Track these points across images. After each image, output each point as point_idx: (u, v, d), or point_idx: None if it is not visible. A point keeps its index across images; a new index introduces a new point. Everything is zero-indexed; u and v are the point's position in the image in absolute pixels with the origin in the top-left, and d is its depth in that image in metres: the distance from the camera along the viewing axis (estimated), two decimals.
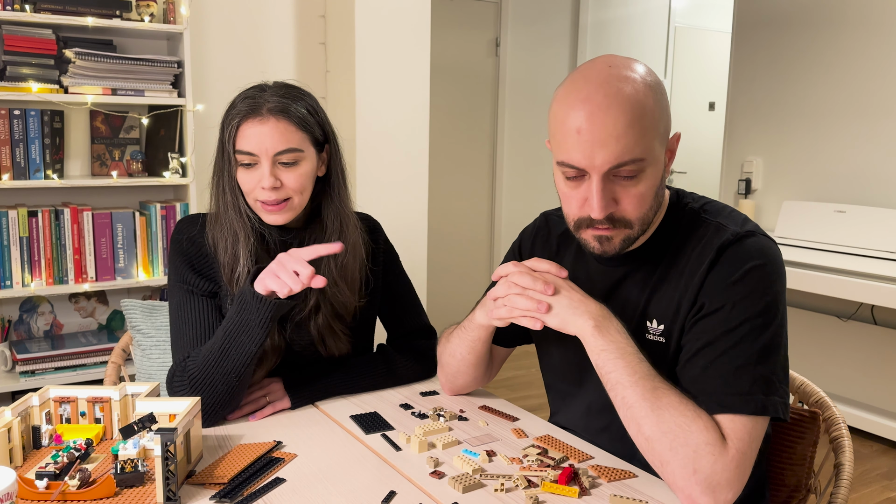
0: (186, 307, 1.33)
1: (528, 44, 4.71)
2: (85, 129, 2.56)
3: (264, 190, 1.27)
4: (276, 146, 1.26)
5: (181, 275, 1.34)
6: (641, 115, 1.01)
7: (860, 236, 3.17)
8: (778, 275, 1.06)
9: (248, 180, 1.29)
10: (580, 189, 1.06)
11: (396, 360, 1.47)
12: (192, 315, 1.32)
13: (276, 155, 1.26)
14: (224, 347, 1.23)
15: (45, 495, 0.96)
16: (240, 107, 1.27)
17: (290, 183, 1.28)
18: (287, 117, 1.27)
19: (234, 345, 1.22)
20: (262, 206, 1.29)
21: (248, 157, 1.27)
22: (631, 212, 1.06)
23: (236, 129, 1.27)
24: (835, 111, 3.43)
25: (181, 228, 1.38)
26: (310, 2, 2.94)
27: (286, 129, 1.27)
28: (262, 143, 1.25)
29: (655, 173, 1.06)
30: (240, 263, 1.30)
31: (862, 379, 3.31)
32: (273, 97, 1.28)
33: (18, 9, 2.26)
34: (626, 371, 1.02)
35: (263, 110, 1.26)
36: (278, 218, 1.31)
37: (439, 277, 4.21)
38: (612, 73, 1.03)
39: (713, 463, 0.96)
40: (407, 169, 2.91)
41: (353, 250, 1.39)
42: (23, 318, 2.54)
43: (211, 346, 1.24)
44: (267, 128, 1.25)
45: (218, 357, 1.23)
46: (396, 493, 1.02)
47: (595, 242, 1.09)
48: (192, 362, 1.25)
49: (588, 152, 1.01)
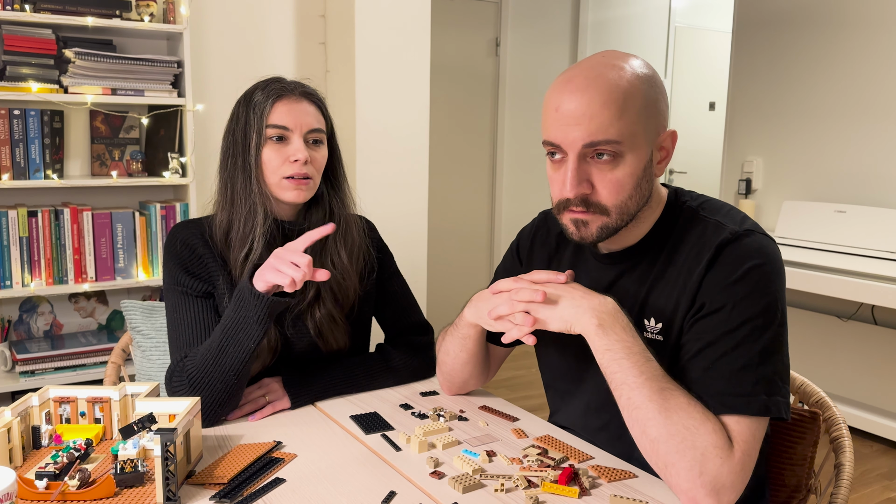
0: (182, 309, 1.33)
1: (528, 44, 4.71)
2: (85, 129, 2.56)
3: (295, 163, 1.32)
4: (310, 123, 1.34)
5: (175, 277, 1.35)
6: (620, 99, 1.03)
7: (860, 236, 3.17)
8: (777, 274, 1.06)
9: (277, 156, 1.32)
10: (560, 171, 1.08)
11: (393, 356, 1.48)
12: (188, 316, 1.32)
13: (307, 132, 1.34)
14: (222, 345, 1.23)
15: (45, 495, 0.96)
16: (271, 87, 1.34)
17: (315, 161, 1.35)
18: (314, 101, 1.38)
19: (232, 342, 1.23)
20: (288, 182, 1.33)
21: (282, 130, 1.32)
22: (607, 197, 1.07)
23: (271, 105, 1.32)
24: (835, 111, 3.43)
25: (174, 233, 1.39)
26: (310, 2, 2.94)
27: (315, 111, 1.37)
28: (297, 117, 1.33)
29: (636, 162, 1.06)
30: (254, 243, 1.33)
31: (862, 379, 3.31)
32: (298, 85, 1.37)
33: (18, 9, 2.26)
34: (633, 371, 1.01)
35: (297, 92, 1.35)
36: (301, 194, 1.34)
37: (439, 277, 4.21)
38: (602, 61, 1.07)
39: (720, 466, 0.95)
40: (407, 169, 2.91)
41: (359, 234, 1.45)
42: (23, 318, 2.54)
43: (209, 344, 1.25)
44: (302, 106, 1.34)
45: (216, 355, 1.23)
46: (396, 493, 1.02)
47: (572, 226, 1.10)
48: (190, 361, 1.26)
49: (563, 129, 1.04)
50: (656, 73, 1.08)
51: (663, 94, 1.09)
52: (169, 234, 1.40)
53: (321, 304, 1.39)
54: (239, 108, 1.36)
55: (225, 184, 1.37)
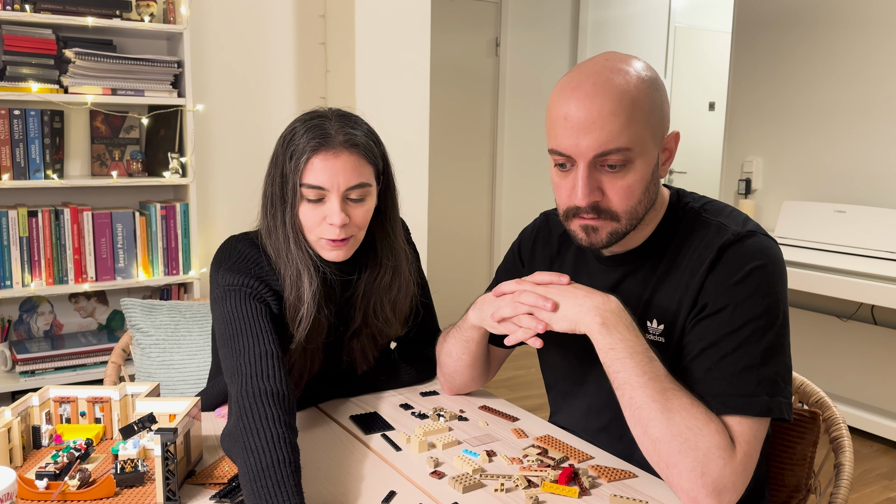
0: (252, 315, 1.16)
1: (528, 44, 4.71)
2: (85, 129, 2.56)
3: (332, 227, 1.20)
4: (348, 181, 1.19)
5: (238, 280, 1.20)
6: (629, 106, 1.02)
7: (860, 236, 3.17)
8: (780, 275, 1.06)
9: (313, 216, 1.21)
10: (569, 178, 1.07)
11: (401, 370, 1.46)
12: (259, 324, 1.15)
13: (346, 190, 1.19)
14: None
15: (45, 495, 0.96)
16: (308, 137, 1.19)
17: (356, 219, 1.22)
18: (358, 150, 1.20)
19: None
20: (326, 242, 1.22)
21: (318, 191, 1.19)
22: (617, 203, 1.06)
23: (306, 162, 1.18)
24: (835, 111, 3.43)
25: (236, 241, 1.27)
26: (310, 2, 2.94)
27: (357, 162, 1.20)
28: (334, 177, 1.18)
29: (644, 167, 1.06)
30: (303, 305, 1.22)
31: (862, 379, 3.31)
32: (342, 128, 1.20)
33: (18, 9, 2.26)
34: (635, 371, 1.01)
35: (336, 142, 1.19)
36: (340, 254, 1.24)
37: (439, 277, 4.21)
38: (606, 65, 1.05)
39: (722, 467, 0.95)
40: (407, 169, 2.91)
41: (406, 286, 1.35)
42: (23, 318, 2.54)
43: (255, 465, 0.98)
44: (340, 162, 1.18)
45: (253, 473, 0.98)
46: (396, 493, 1.02)
47: (582, 233, 1.09)
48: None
49: (574, 138, 1.03)
50: (658, 75, 1.08)
51: (666, 96, 1.09)
52: (229, 242, 1.28)
53: (358, 340, 1.36)
54: (279, 149, 1.23)
55: (268, 231, 1.25)
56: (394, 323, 1.36)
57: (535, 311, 1.10)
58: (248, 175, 2.83)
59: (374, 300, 1.33)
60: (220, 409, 1.31)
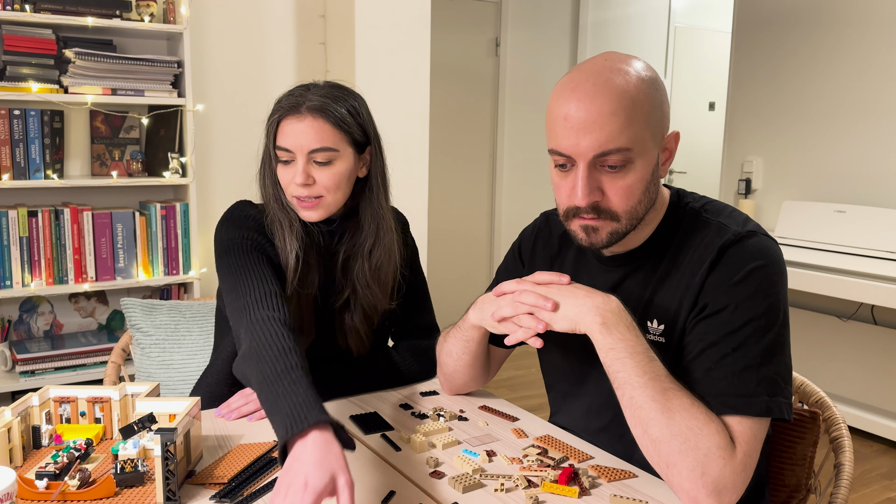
0: (256, 264, 1.27)
1: (528, 44, 4.71)
2: (85, 129, 2.56)
3: (297, 186, 1.30)
4: (310, 144, 1.28)
5: (243, 235, 1.32)
6: (629, 106, 1.02)
7: (860, 236, 3.17)
8: (780, 275, 1.06)
9: (285, 176, 1.32)
10: (569, 179, 1.07)
11: (396, 361, 1.47)
12: (260, 271, 1.26)
13: (310, 153, 1.29)
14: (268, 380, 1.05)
15: (45, 495, 0.96)
16: (282, 103, 1.31)
17: (322, 181, 1.30)
18: (324, 116, 1.29)
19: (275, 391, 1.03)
20: (297, 202, 1.33)
21: (286, 153, 1.30)
22: (617, 203, 1.06)
23: (276, 125, 1.31)
24: (835, 111, 3.43)
25: (242, 205, 1.39)
26: (310, 2, 2.94)
27: (322, 127, 1.29)
28: (297, 140, 1.28)
29: (644, 167, 1.06)
30: (291, 253, 1.33)
31: (862, 379, 3.31)
32: (315, 96, 1.30)
33: (18, 9, 2.26)
34: (636, 371, 1.01)
35: (303, 108, 1.28)
36: (311, 214, 1.33)
37: (439, 277, 4.21)
38: (605, 65, 1.05)
39: (723, 467, 0.95)
40: (407, 169, 2.91)
41: (388, 253, 1.41)
42: (23, 318, 2.54)
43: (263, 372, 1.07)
44: (303, 125, 1.28)
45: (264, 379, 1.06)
46: (396, 493, 1.02)
47: (582, 233, 1.09)
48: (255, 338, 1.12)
49: (573, 138, 1.03)
50: (658, 75, 1.08)
51: (666, 96, 1.09)
52: (235, 205, 1.39)
53: (349, 313, 1.40)
54: (268, 116, 1.35)
55: (262, 189, 1.39)
56: (378, 294, 1.40)
57: (536, 311, 1.10)
58: (248, 175, 2.82)
59: (357, 267, 1.39)
60: (220, 409, 1.31)
